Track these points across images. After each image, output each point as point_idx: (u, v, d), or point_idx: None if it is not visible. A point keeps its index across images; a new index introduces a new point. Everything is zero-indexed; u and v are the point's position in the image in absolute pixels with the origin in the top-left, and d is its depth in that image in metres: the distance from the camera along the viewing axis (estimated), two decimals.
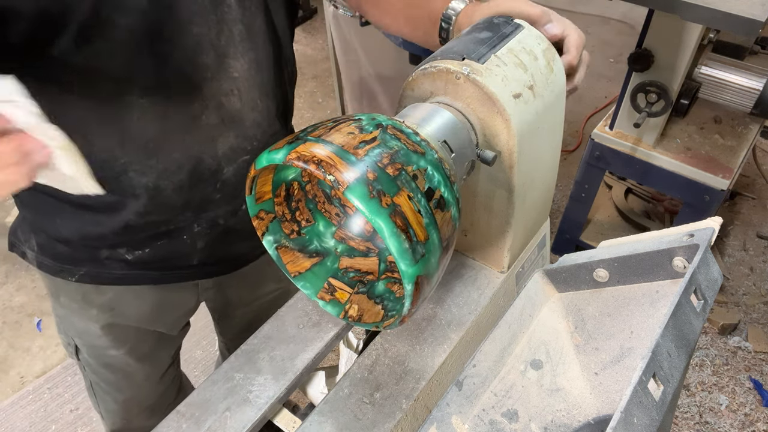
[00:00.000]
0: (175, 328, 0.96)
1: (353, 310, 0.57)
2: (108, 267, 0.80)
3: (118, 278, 0.81)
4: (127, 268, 0.80)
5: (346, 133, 0.46)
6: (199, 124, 0.70)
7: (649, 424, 0.40)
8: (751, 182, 2.44)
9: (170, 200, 0.74)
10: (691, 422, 1.70)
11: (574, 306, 0.62)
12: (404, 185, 0.45)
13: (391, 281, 0.58)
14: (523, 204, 0.66)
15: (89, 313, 0.85)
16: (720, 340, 1.90)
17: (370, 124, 0.47)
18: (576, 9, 3.55)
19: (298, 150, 0.44)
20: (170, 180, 0.73)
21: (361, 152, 0.44)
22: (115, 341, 0.89)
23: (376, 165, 0.44)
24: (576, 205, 1.95)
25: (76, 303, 0.85)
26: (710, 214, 1.64)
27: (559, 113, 0.65)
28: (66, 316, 0.89)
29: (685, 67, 1.46)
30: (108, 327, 0.87)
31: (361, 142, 0.45)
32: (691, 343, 0.47)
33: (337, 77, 2.32)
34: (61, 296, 0.85)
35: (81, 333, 0.89)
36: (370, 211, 0.42)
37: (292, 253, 0.56)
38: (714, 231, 0.54)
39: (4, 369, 1.81)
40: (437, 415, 0.53)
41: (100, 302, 0.84)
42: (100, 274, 0.81)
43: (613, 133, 1.70)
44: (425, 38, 0.75)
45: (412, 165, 0.46)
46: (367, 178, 0.43)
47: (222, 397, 0.62)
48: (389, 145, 0.46)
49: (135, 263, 0.80)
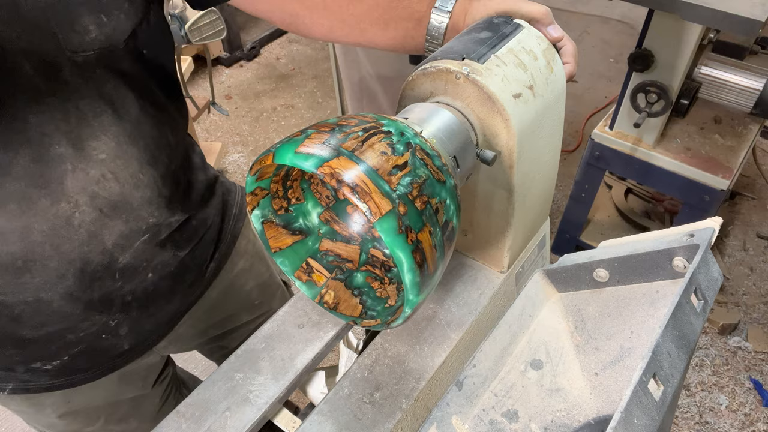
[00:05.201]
0: (146, 386, 0.90)
1: (329, 296, 0.57)
2: (31, 379, 0.72)
3: (49, 387, 0.74)
4: (51, 377, 0.73)
5: (379, 152, 0.45)
6: (72, 224, 0.60)
7: (649, 424, 0.40)
8: (751, 182, 2.44)
9: (62, 310, 0.65)
10: (691, 422, 1.70)
11: (574, 306, 0.62)
12: (428, 220, 0.45)
13: (372, 276, 0.58)
14: (523, 204, 0.66)
15: (45, 412, 0.79)
16: (720, 340, 1.90)
17: (400, 141, 0.46)
18: (576, 9, 3.55)
19: (332, 166, 0.42)
20: (54, 291, 0.63)
21: (394, 180, 0.44)
22: (86, 420, 0.84)
23: (407, 197, 0.44)
24: (576, 205, 1.95)
25: (26, 407, 0.79)
26: (710, 214, 1.64)
27: (559, 113, 0.65)
28: (25, 417, 0.83)
29: (685, 67, 1.46)
30: (72, 414, 0.81)
31: (395, 167, 0.44)
32: (691, 343, 0.47)
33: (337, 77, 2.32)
34: (10, 405, 0.79)
35: (48, 425, 0.83)
36: (395, 245, 0.43)
37: (276, 228, 0.56)
38: (714, 231, 0.54)
39: None
40: (437, 415, 0.53)
41: (50, 402, 0.78)
42: (29, 387, 0.73)
43: (613, 133, 1.70)
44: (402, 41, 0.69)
45: (436, 197, 0.47)
46: (399, 212, 0.43)
47: (222, 397, 0.62)
48: (418, 173, 0.46)
49: (58, 372, 0.72)
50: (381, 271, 0.58)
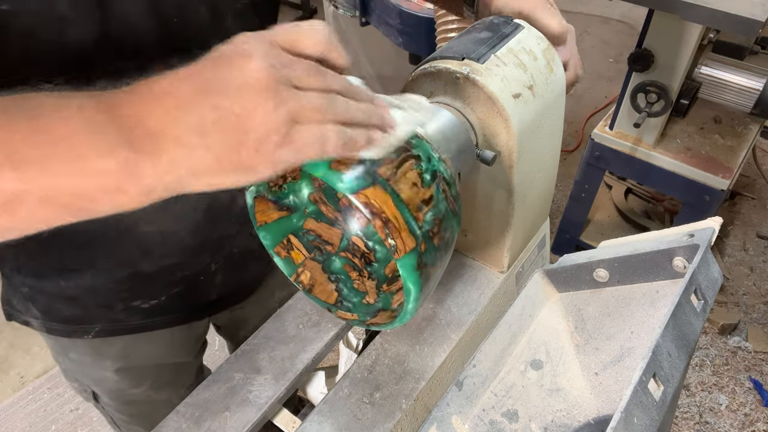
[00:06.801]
0: (191, 354, 0.94)
1: (305, 276, 0.57)
2: (123, 319, 0.76)
3: (134, 328, 0.78)
4: (143, 317, 0.77)
5: (410, 183, 0.45)
6: None
7: (649, 424, 0.40)
8: (751, 182, 2.44)
9: (184, 243, 0.70)
10: (691, 422, 1.70)
11: (574, 306, 0.62)
12: (442, 256, 0.48)
13: (350, 264, 0.58)
14: (522, 204, 0.66)
15: (102, 364, 0.82)
16: (720, 340, 1.90)
17: (428, 169, 0.47)
18: (576, 9, 3.55)
19: (368, 195, 0.42)
20: (185, 222, 0.68)
21: (421, 217, 0.45)
22: (134, 381, 0.86)
23: (428, 234, 0.45)
24: (576, 205, 1.95)
25: (87, 357, 0.81)
26: (710, 214, 1.64)
27: (559, 113, 0.65)
28: (76, 368, 0.85)
29: (685, 67, 1.46)
30: (124, 371, 0.84)
31: (422, 202, 0.45)
32: (691, 343, 0.47)
33: None
34: (71, 353, 0.82)
35: (97, 381, 0.86)
36: (410, 279, 0.45)
37: (266, 203, 0.55)
38: (714, 231, 0.54)
39: (4, 369, 1.81)
40: (437, 415, 0.53)
41: (113, 352, 0.81)
42: (115, 328, 0.77)
43: (613, 133, 1.70)
44: None
45: (449, 230, 0.48)
46: (420, 250, 0.45)
47: (222, 397, 0.62)
48: (440, 208, 0.47)
49: (151, 311, 0.77)
50: (360, 262, 0.58)
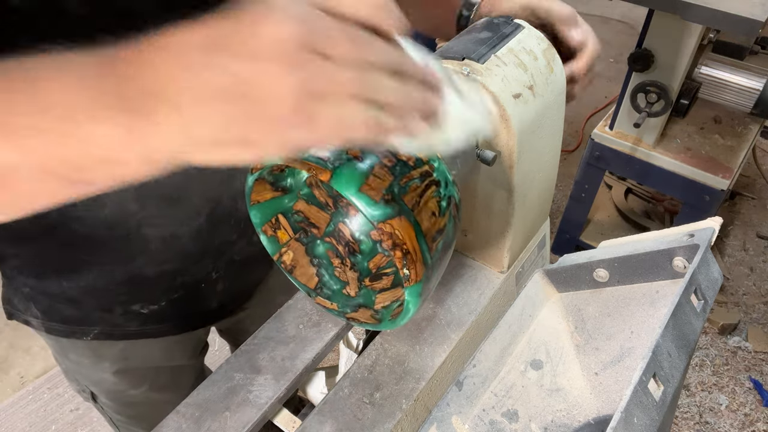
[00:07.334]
0: (191, 357, 0.93)
1: (288, 256, 0.58)
2: (122, 324, 0.76)
3: (133, 333, 0.77)
4: (143, 323, 0.76)
5: (430, 212, 0.45)
6: None
7: (649, 424, 0.40)
8: (751, 182, 2.44)
9: (186, 248, 0.70)
10: (691, 422, 1.70)
11: (574, 306, 0.62)
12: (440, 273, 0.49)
13: (333, 251, 0.58)
14: (523, 204, 0.66)
15: (101, 365, 0.81)
16: (720, 340, 1.90)
17: (444, 196, 0.47)
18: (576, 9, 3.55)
19: (394, 226, 0.43)
20: (188, 227, 0.68)
21: (434, 247, 0.46)
22: (132, 383, 0.86)
23: (437, 266, 0.47)
24: (576, 205, 1.95)
25: (86, 358, 0.81)
26: (710, 214, 1.64)
27: (559, 113, 0.65)
28: (76, 369, 0.85)
29: (685, 67, 1.46)
30: (123, 372, 0.83)
31: (437, 232, 0.46)
32: (692, 343, 0.47)
33: None
34: (70, 353, 0.81)
35: (95, 382, 0.85)
36: (413, 302, 0.47)
37: (264, 184, 0.55)
38: (714, 231, 0.54)
39: (4, 369, 1.81)
40: (437, 415, 0.53)
41: (112, 354, 0.80)
42: (114, 332, 0.77)
43: (613, 133, 1.70)
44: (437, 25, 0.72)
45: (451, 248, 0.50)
46: (430, 280, 0.47)
47: (222, 397, 0.62)
48: (449, 235, 0.48)
49: (151, 317, 0.76)
50: (344, 250, 0.58)
